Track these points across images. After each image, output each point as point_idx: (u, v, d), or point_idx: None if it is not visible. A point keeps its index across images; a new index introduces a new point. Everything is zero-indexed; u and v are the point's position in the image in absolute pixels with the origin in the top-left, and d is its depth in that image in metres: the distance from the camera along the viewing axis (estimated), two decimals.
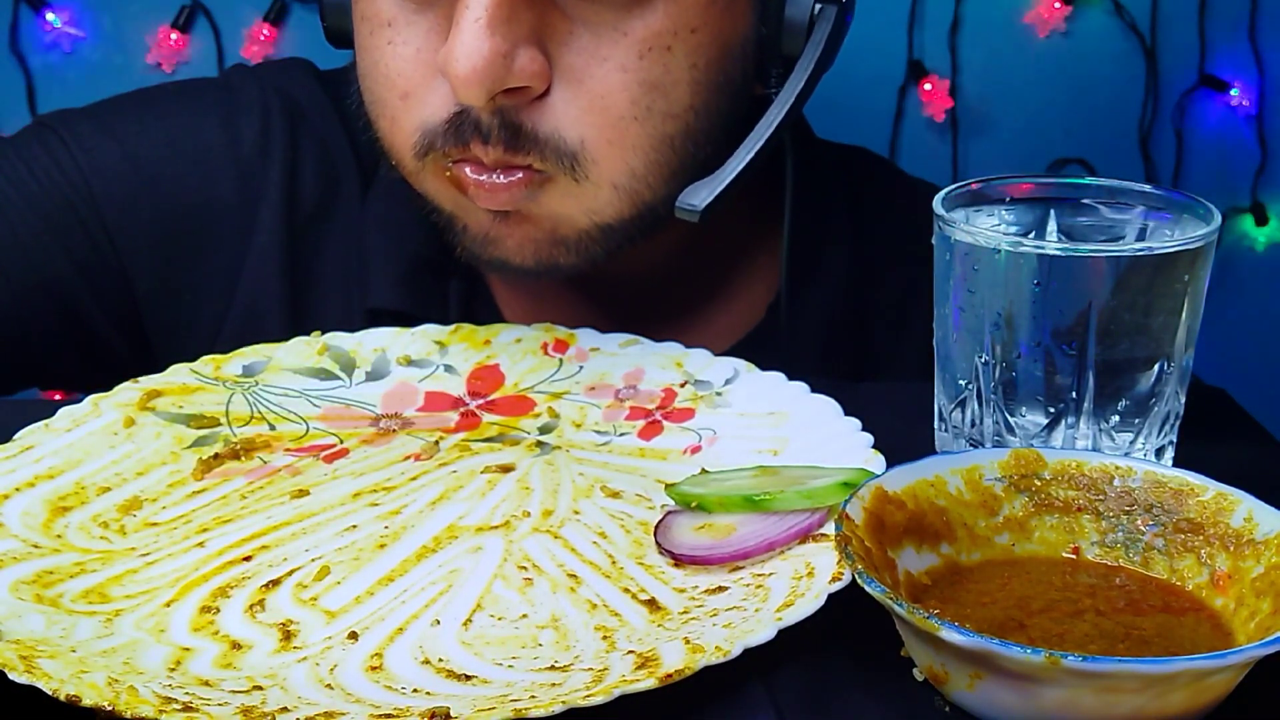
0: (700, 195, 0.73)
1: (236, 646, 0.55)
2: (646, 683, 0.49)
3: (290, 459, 0.70)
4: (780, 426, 0.70)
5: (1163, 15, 1.72)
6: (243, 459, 0.69)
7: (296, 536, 0.63)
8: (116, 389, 0.72)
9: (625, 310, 0.86)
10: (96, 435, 0.68)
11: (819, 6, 0.75)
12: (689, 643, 0.53)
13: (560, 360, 0.77)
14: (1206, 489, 0.56)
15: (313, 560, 0.61)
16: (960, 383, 0.65)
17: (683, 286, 0.89)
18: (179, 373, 0.74)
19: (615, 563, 0.61)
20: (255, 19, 1.66)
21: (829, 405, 0.70)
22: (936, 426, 0.68)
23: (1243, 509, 0.55)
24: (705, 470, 0.66)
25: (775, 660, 0.52)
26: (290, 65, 0.94)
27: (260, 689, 0.52)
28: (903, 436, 0.67)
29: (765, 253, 0.91)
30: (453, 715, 0.48)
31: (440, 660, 0.54)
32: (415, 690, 0.52)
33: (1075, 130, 1.74)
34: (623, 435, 0.72)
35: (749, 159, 0.74)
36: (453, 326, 0.79)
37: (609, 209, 0.74)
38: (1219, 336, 1.72)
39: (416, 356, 0.77)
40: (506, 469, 0.69)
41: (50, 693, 0.49)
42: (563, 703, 0.48)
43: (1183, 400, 0.65)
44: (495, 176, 0.72)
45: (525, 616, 0.57)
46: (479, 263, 0.79)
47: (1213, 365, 0.85)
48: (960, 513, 0.57)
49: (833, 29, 0.75)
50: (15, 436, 0.67)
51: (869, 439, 0.66)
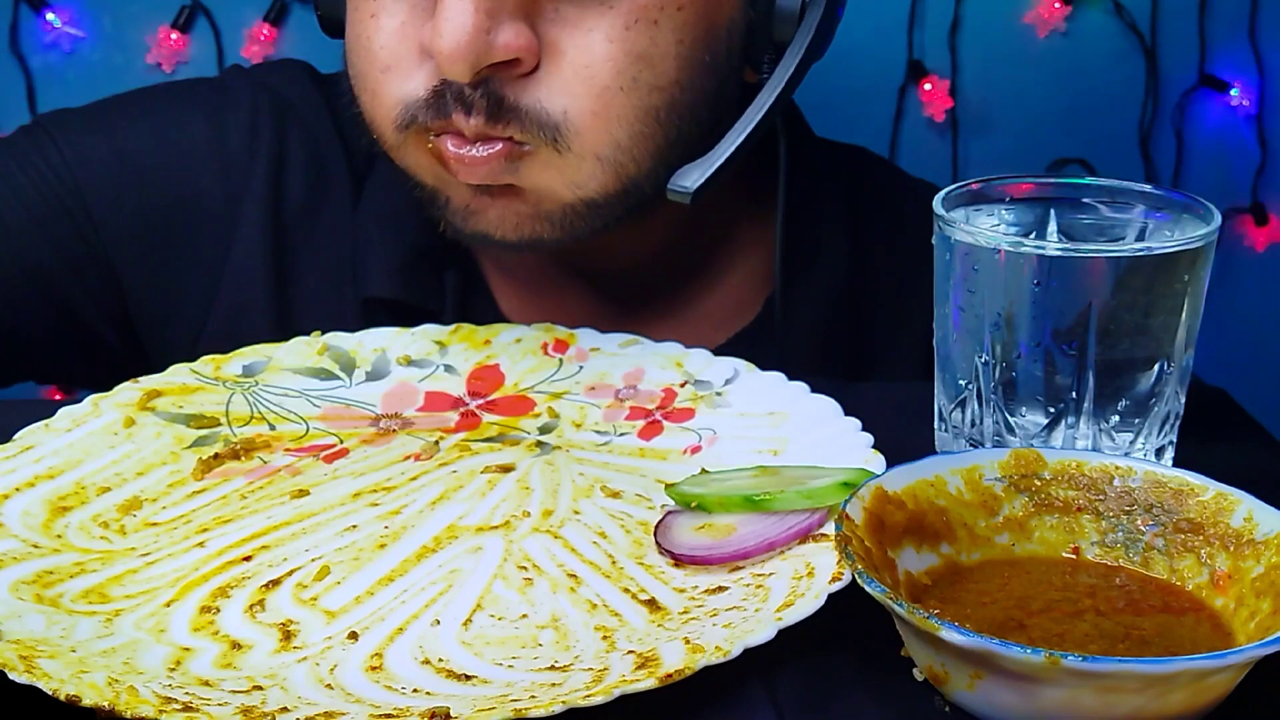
0: (692, 177, 0.73)
1: (236, 646, 0.55)
2: (646, 683, 0.49)
3: (290, 459, 0.70)
4: (780, 426, 0.70)
5: (1163, 15, 1.72)
6: (243, 459, 0.69)
7: (296, 536, 0.63)
8: (116, 389, 0.72)
9: (621, 302, 0.87)
10: (96, 435, 0.68)
11: None
12: (689, 643, 0.53)
13: (560, 360, 0.77)
14: (1206, 489, 0.56)
15: (313, 560, 0.61)
16: (960, 383, 0.65)
17: (679, 279, 0.89)
18: (179, 373, 0.74)
19: (615, 563, 0.61)
20: (255, 19, 1.66)
21: (829, 405, 0.70)
22: (936, 426, 0.68)
23: (1243, 509, 0.55)
24: (705, 470, 0.66)
25: (775, 660, 0.52)
26: (285, 65, 0.95)
27: (260, 689, 0.52)
28: (903, 436, 0.67)
29: (762, 247, 0.91)
30: (453, 715, 0.48)
31: (440, 660, 0.54)
32: (415, 690, 0.52)
33: (1075, 130, 1.74)
34: (623, 435, 0.72)
35: (740, 142, 0.74)
36: (453, 327, 0.79)
37: (592, 182, 0.74)
38: (1219, 336, 1.73)
39: (416, 356, 0.77)
40: (506, 469, 0.69)
41: (50, 693, 0.49)
42: (563, 703, 0.48)
43: (1183, 400, 0.65)
44: (475, 150, 0.72)
45: (525, 616, 0.57)
46: (462, 236, 0.79)
47: (1213, 365, 0.85)
48: (960, 513, 0.57)
49: (824, 16, 0.76)
50: (15, 436, 0.67)
51: (869, 439, 0.66)
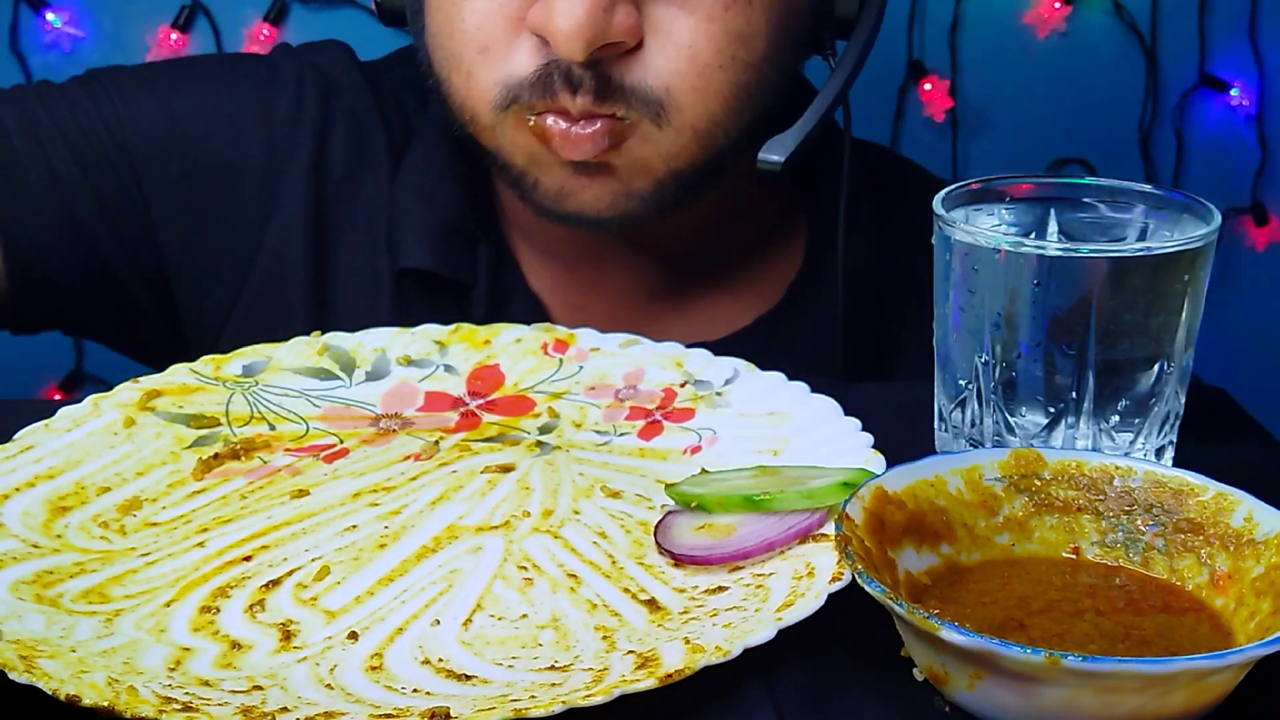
0: (778, 150, 0.78)
1: (236, 646, 0.55)
2: (646, 683, 0.49)
3: (290, 459, 0.70)
4: (780, 426, 0.70)
5: (1163, 15, 1.72)
6: (243, 459, 0.69)
7: (296, 536, 0.63)
8: (116, 389, 0.72)
9: (651, 280, 0.88)
10: (96, 435, 0.68)
11: None
12: (689, 643, 0.53)
13: (560, 360, 0.77)
14: (1206, 489, 0.56)
15: (313, 560, 0.61)
16: (960, 383, 0.65)
17: (708, 260, 0.91)
18: (179, 373, 0.74)
19: (615, 563, 0.61)
20: (255, 19, 1.66)
21: (829, 405, 0.70)
22: (936, 426, 0.68)
23: (1243, 509, 0.55)
24: (705, 470, 0.66)
25: (775, 660, 0.52)
26: (330, 45, 0.97)
27: (260, 689, 0.52)
28: (903, 436, 0.67)
29: (789, 232, 0.93)
30: (453, 715, 0.48)
31: (440, 660, 0.54)
32: (415, 690, 0.52)
33: (1075, 130, 1.74)
34: (623, 435, 0.72)
35: (820, 116, 0.79)
36: (452, 326, 0.79)
37: (685, 154, 0.78)
38: (1219, 336, 1.72)
39: (416, 356, 0.77)
40: (506, 469, 0.69)
41: (50, 693, 0.49)
42: (563, 703, 0.48)
43: (1182, 400, 0.65)
44: (579, 127, 0.75)
45: (525, 616, 0.57)
46: (550, 217, 0.81)
47: (1213, 365, 0.85)
48: (960, 513, 0.57)
49: None
50: (15, 436, 0.67)
51: (869, 439, 0.66)
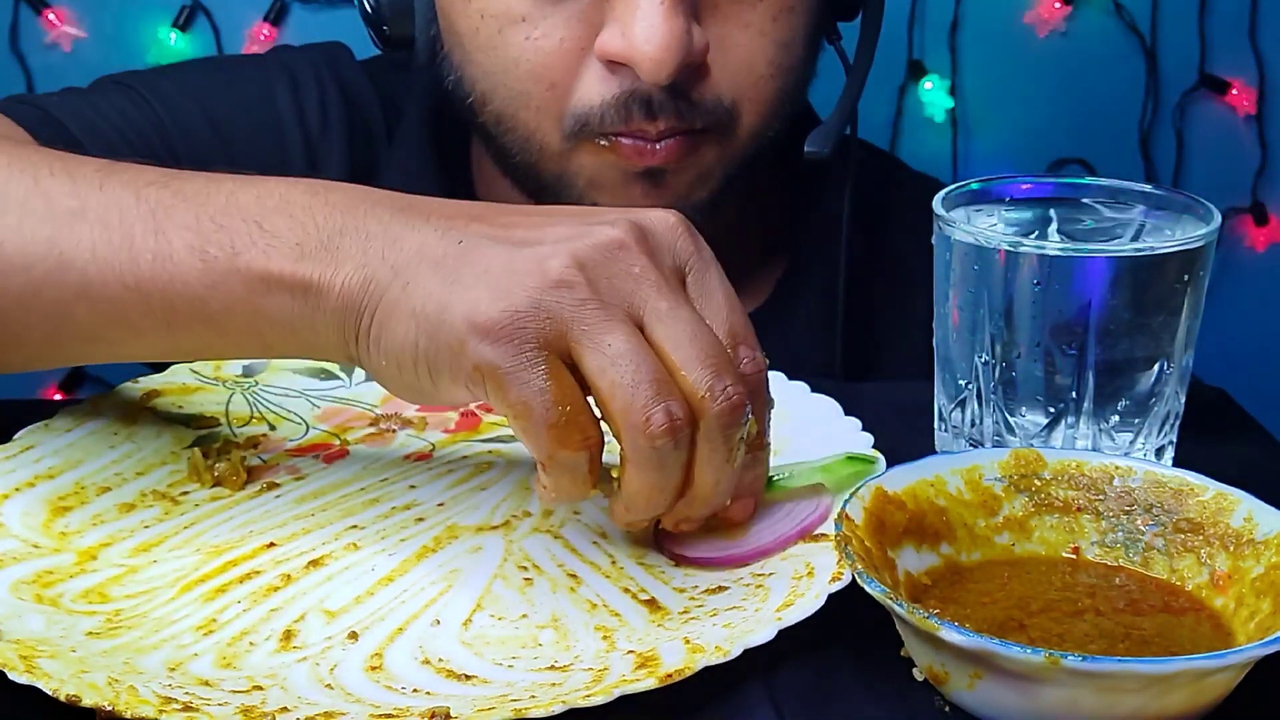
0: (820, 141, 0.82)
1: (236, 646, 0.55)
2: (646, 683, 0.50)
3: (290, 459, 0.70)
4: (780, 426, 0.70)
5: (1163, 15, 1.72)
6: (242, 459, 0.69)
7: (296, 536, 0.63)
8: (116, 389, 0.72)
9: None
10: (96, 435, 0.68)
11: None
12: (689, 643, 0.53)
13: None
14: (1206, 489, 0.56)
15: (313, 560, 0.61)
16: (960, 383, 0.65)
17: None
18: (179, 373, 0.74)
19: (615, 563, 0.61)
20: (255, 19, 1.66)
21: (829, 405, 0.70)
22: (936, 426, 0.68)
23: (1242, 509, 0.55)
24: None
25: (775, 660, 0.52)
26: (334, 47, 0.97)
27: (260, 689, 0.52)
28: (903, 436, 0.67)
29: (772, 228, 0.93)
30: (453, 715, 0.49)
31: (440, 660, 0.54)
32: (415, 690, 0.52)
33: (1075, 130, 1.74)
34: None
35: (853, 101, 0.83)
36: None
37: (740, 157, 0.81)
38: (1219, 336, 1.72)
39: None
40: (506, 469, 0.69)
41: (50, 692, 0.49)
42: (563, 702, 0.48)
43: (1182, 400, 0.65)
44: (656, 146, 0.77)
45: (525, 616, 0.57)
46: None
47: (1212, 365, 0.85)
48: (960, 513, 0.57)
49: None
50: (15, 436, 0.67)
51: (869, 439, 0.66)
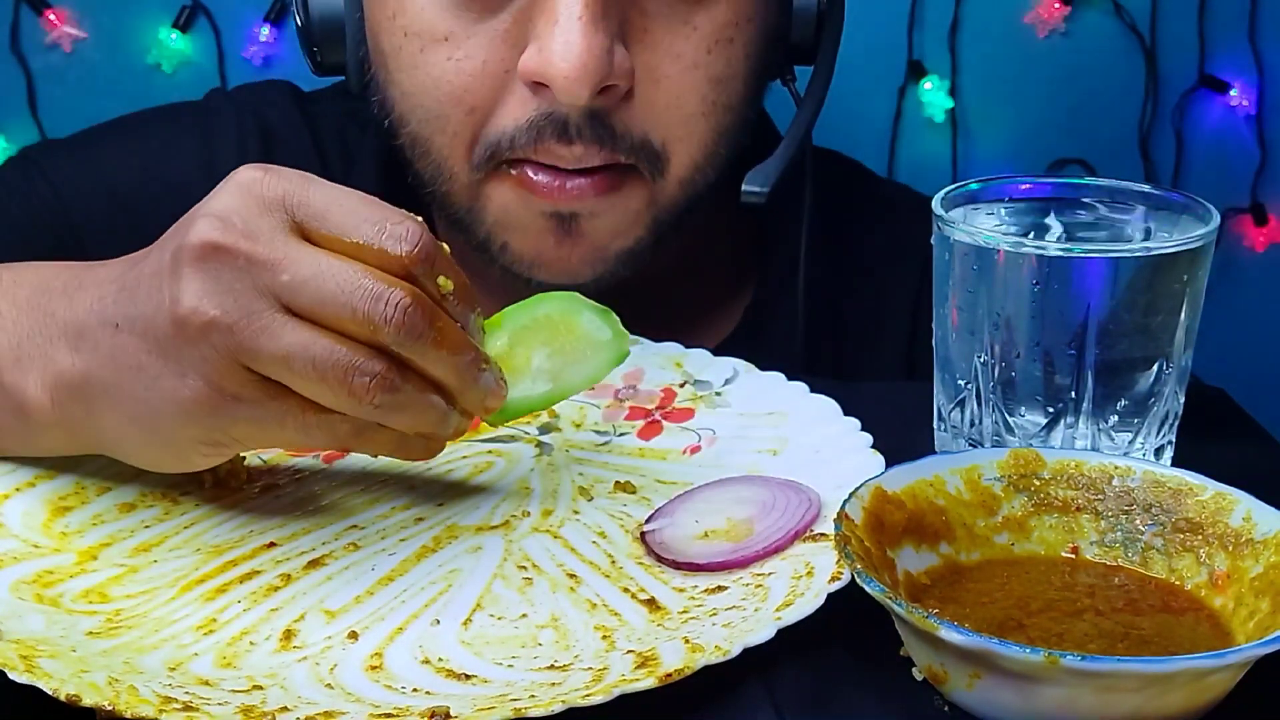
0: (760, 180, 0.76)
1: (236, 646, 0.55)
2: (646, 682, 0.50)
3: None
4: (780, 426, 0.70)
5: (1162, 16, 1.72)
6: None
7: (296, 536, 0.63)
8: None
9: None
10: None
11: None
12: (689, 642, 0.53)
13: None
14: (1205, 489, 0.56)
15: (312, 560, 0.61)
16: (960, 383, 0.65)
17: (663, 293, 0.88)
18: None
19: (615, 562, 0.61)
20: (255, 19, 1.66)
21: (828, 405, 0.70)
22: (936, 426, 0.68)
23: (1241, 508, 0.55)
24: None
25: (775, 660, 0.52)
26: (267, 86, 0.95)
27: (260, 688, 0.52)
28: (902, 436, 0.67)
29: (744, 258, 0.91)
30: (453, 715, 0.49)
31: (440, 660, 0.54)
32: (415, 690, 0.52)
33: (1075, 130, 1.74)
34: (622, 435, 0.72)
35: (798, 143, 0.78)
36: None
37: (670, 203, 0.76)
38: (1218, 336, 1.72)
39: None
40: (506, 469, 0.69)
41: (50, 692, 0.49)
42: (562, 702, 0.48)
43: (1181, 400, 0.65)
44: (570, 183, 0.72)
45: (525, 616, 0.57)
46: (510, 280, 0.78)
47: (1211, 365, 0.85)
48: (959, 512, 0.57)
49: (841, 8, 0.80)
50: None
51: (868, 439, 0.66)
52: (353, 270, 0.54)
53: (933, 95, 1.73)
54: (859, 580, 0.50)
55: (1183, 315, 0.62)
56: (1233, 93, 1.75)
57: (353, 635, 0.55)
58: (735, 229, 0.91)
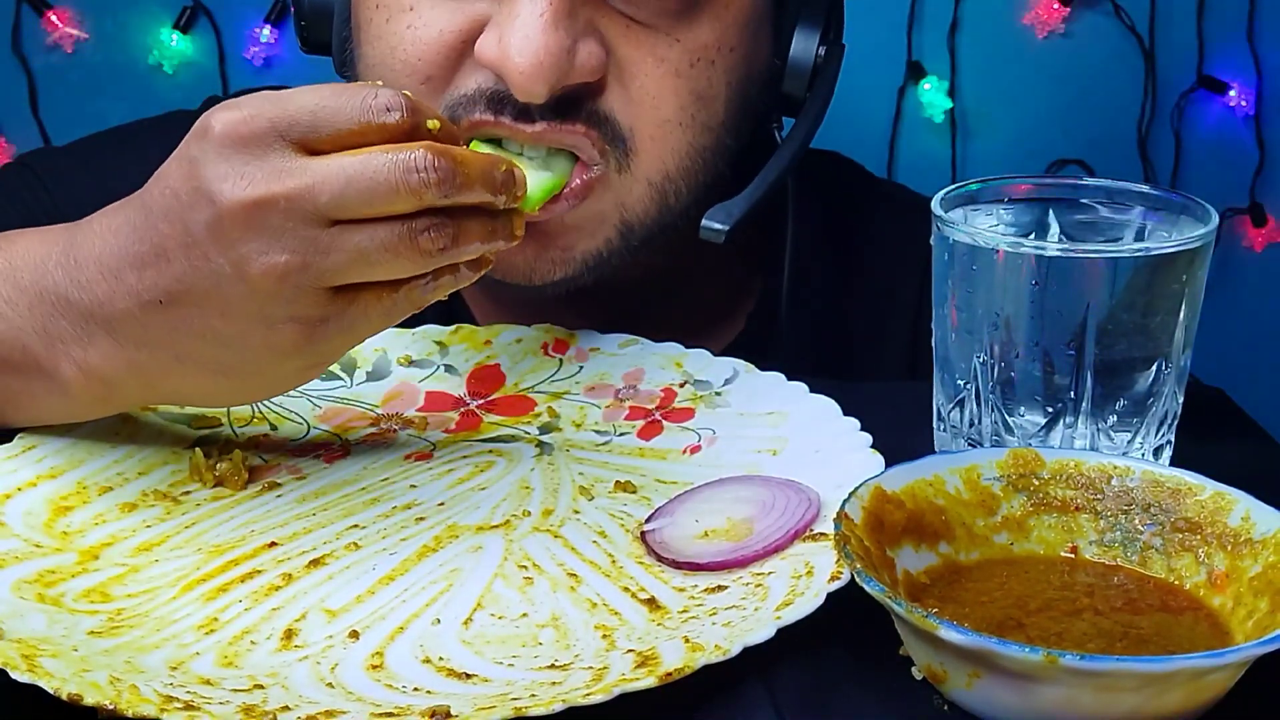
0: (721, 217, 0.74)
1: (238, 645, 0.55)
2: (646, 681, 0.50)
3: (291, 459, 0.70)
4: (779, 426, 0.70)
5: (1161, 16, 1.72)
6: (244, 459, 0.69)
7: (297, 536, 0.63)
8: None
9: (609, 319, 0.86)
10: (98, 435, 0.68)
11: (823, 49, 0.78)
12: (689, 641, 0.53)
13: (560, 360, 0.77)
14: (1204, 488, 0.56)
15: (313, 559, 0.61)
16: (959, 382, 0.65)
17: (660, 297, 0.88)
18: None
19: (615, 562, 0.61)
20: (256, 20, 1.66)
21: (828, 405, 0.70)
22: (935, 426, 0.68)
23: (1240, 508, 0.55)
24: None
25: (774, 659, 0.53)
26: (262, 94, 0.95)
27: (261, 687, 0.52)
28: (902, 436, 0.67)
29: (747, 265, 0.91)
30: (453, 714, 0.49)
31: (441, 659, 0.54)
32: (416, 689, 0.52)
33: (1074, 131, 1.75)
34: (622, 435, 0.72)
35: (767, 187, 0.76)
36: (453, 327, 0.79)
37: (638, 205, 0.75)
38: (1217, 336, 1.73)
39: (417, 357, 0.77)
40: (506, 469, 0.69)
41: (52, 691, 0.49)
42: (563, 701, 0.49)
43: (1180, 400, 0.65)
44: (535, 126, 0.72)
45: (525, 615, 0.57)
46: (480, 280, 0.78)
47: (1210, 365, 0.85)
48: (959, 512, 0.57)
49: (836, 69, 0.79)
50: (17, 436, 0.67)
51: (868, 439, 0.66)
52: (372, 159, 0.57)
53: (932, 95, 1.73)
54: (859, 580, 0.50)
55: (1181, 315, 0.62)
56: (1231, 93, 1.76)
57: (354, 634, 0.56)
58: (732, 245, 0.90)
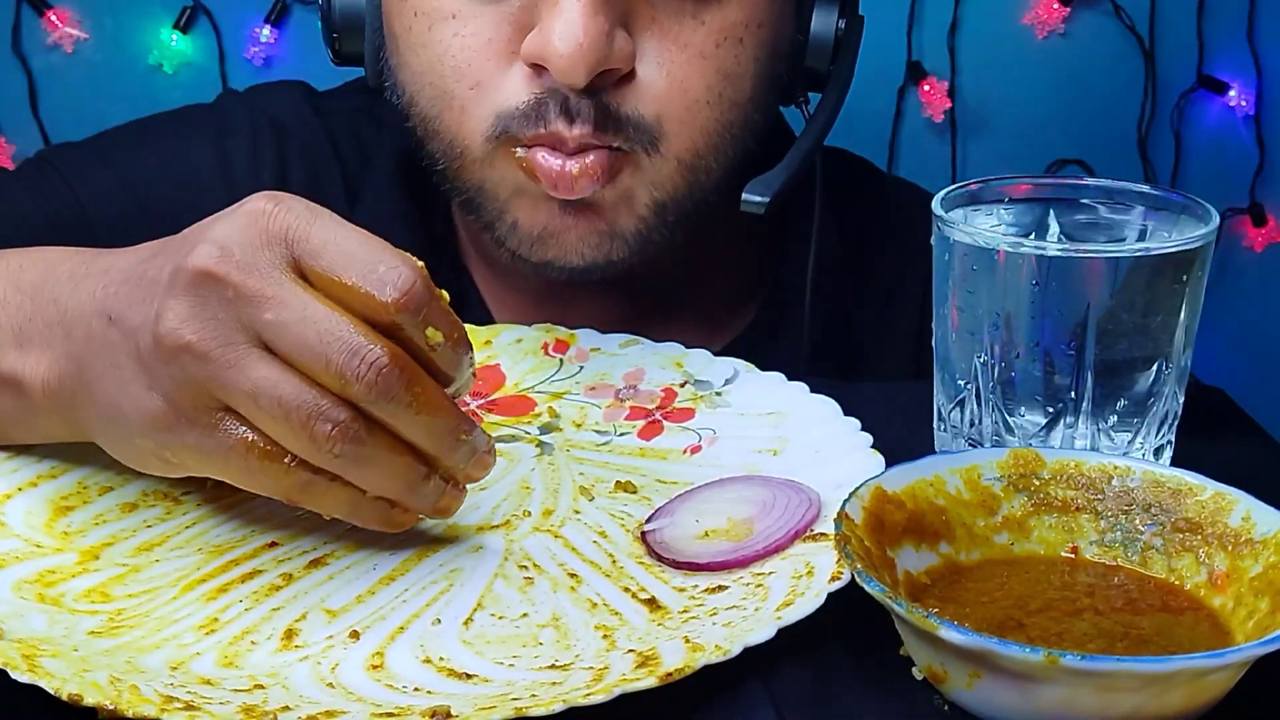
0: (761, 190, 0.77)
1: (238, 645, 0.55)
2: (647, 681, 0.50)
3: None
4: (780, 426, 0.70)
5: (1161, 16, 1.72)
6: None
7: (297, 536, 0.63)
8: None
9: (620, 312, 0.87)
10: None
11: (843, 21, 0.80)
12: (689, 642, 0.53)
13: (560, 360, 0.77)
14: (1204, 488, 0.56)
15: (313, 559, 0.61)
16: (959, 382, 0.65)
17: (677, 291, 0.89)
18: None
19: (615, 562, 0.61)
20: (256, 20, 1.66)
21: (828, 405, 0.70)
22: (936, 426, 0.68)
23: (1240, 508, 0.55)
24: None
25: (775, 659, 0.53)
26: (279, 87, 0.96)
27: (262, 688, 0.52)
28: (902, 436, 0.67)
29: (757, 257, 0.92)
30: (453, 714, 0.49)
31: (441, 659, 0.54)
32: (416, 689, 0.52)
33: (1074, 131, 1.75)
34: (623, 435, 0.72)
35: (803, 157, 0.78)
36: None
37: (669, 184, 0.77)
38: (1217, 336, 1.73)
39: None
40: (507, 469, 0.69)
41: (52, 691, 0.49)
42: (563, 701, 0.49)
43: (1181, 400, 0.65)
44: (572, 164, 0.74)
45: (526, 615, 0.57)
46: (524, 265, 0.79)
47: (1211, 365, 0.85)
48: (959, 512, 0.57)
49: (857, 41, 0.81)
50: None
51: (868, 439, 0.66)
52: (336, 320, 0.54)
53: (931, 96, 1.73)
54: (859, 580, 0.50)
55: (1182, 315, 0.62)
56: (1231, 93, 1.75)
57: (354, 634, 0.56)
58: (744, 234, 0.91)
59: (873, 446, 0.65)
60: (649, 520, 0.63)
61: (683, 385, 0.75)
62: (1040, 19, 1.72)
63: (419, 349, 0.55)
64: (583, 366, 0.77)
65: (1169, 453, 0.65)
